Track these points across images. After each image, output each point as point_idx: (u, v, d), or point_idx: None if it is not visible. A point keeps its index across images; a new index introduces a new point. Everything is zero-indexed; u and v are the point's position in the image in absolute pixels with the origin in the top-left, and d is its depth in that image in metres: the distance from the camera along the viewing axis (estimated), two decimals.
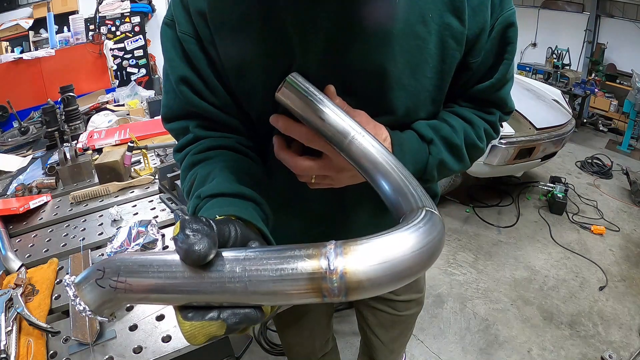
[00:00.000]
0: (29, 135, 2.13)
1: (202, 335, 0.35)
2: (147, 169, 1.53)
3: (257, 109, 0.63)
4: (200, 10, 0.56)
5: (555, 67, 5.38)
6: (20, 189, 1.44)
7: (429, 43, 0.56)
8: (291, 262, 0.33)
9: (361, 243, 0.33)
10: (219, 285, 0.34)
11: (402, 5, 0.54)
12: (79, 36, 4.02)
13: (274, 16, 0.54)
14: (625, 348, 1.90)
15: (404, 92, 0.59)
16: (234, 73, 0.60)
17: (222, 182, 0.52)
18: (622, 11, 5.11)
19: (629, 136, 4.32)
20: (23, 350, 0.75)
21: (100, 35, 4.16)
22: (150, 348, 0.74)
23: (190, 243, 0.33)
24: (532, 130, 2.79)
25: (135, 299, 0.36)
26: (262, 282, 0.33)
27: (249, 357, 1.79)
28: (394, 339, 1.12)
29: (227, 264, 0.34)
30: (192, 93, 0.60)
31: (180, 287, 0.34)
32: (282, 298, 0.34)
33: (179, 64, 0.60)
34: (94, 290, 0.36)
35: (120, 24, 5.11)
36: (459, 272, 2.47)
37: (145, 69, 5.47)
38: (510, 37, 0.60)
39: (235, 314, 0.35)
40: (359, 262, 0.32)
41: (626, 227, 2.91)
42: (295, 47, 0.55)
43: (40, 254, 1.09)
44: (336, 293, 0.32)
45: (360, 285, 0.32)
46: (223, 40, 0.57)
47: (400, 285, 0.35)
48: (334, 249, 0.33)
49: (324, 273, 0.32)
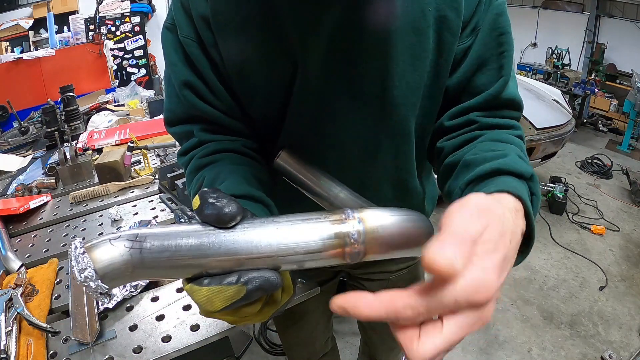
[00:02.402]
0: (29, 135, 2.13)
1: (219, 300, 0.35)
2: (147, 169, 1.53)
3: (259, 111, 0.62)
4: (202, 14, 0.56)
5: (555, 67, 5.39)
6: (20, 189, 1.44)
7: (428, 38, 0.55)
8: (316, 222, 0.37)
9: (370, 208, 0.39)
10: (246, 245, 0.35)
11: (402, 1, 0.53)
12: (79, 36, 4.02)
13: (275, 17, 0.54)
14: (625, 348, 1.90)
15: (407, 90, 0.57)
16: (236, 75, 0.59)
17: (231, 184, 0.52)
18: (622, 11, 5.10)
19: (629, 136, 4.32)
20: (23, 350, 0.75)
21: (100, 35, 4.16)
22: (150, 348, 0.74)
23: (219, 207, 0.34)
24: (532, 130, 2.79)
25: (148, 266, 0.34)
26: (290, 239, 0.35)
27: (249, 357, 1.79)
28: (393, 337, 1.12)
29: (256, 225, 0.36)
30: (196, 97, 0.60)
31: (204, 249, 0.34)
32: (308, 254, 0.36)
33: (182, 68, 0.59)
34: (106, 249, 0.34)
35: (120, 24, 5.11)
36: None
37: (145, 69, 5.47)
38: (503, 27, 0.57)
39: (256, 278, 0.35)
40: (372, 215, 0.38)
41: (626, 227, 2.91)
42: (296, 48, 0.55)
43: (40, 254, 1.09)
44: (356, 238, 0.36)
45: (375, 232, 0.37)
46: (226, 43, 0.57)
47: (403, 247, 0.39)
48: (350, 211, 0.38)
49: (345, 219, 0.37)
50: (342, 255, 0.36)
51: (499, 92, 0.57)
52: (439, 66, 0.57)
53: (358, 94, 0.57)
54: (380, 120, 0.58)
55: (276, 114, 0.60)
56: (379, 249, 0.37)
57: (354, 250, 0.36)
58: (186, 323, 0.80)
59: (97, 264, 0.33)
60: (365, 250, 0.37)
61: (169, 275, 0.37)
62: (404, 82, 0.56)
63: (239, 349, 1.76)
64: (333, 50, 0.54)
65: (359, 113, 0.58)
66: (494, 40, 0.57)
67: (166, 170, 1.36)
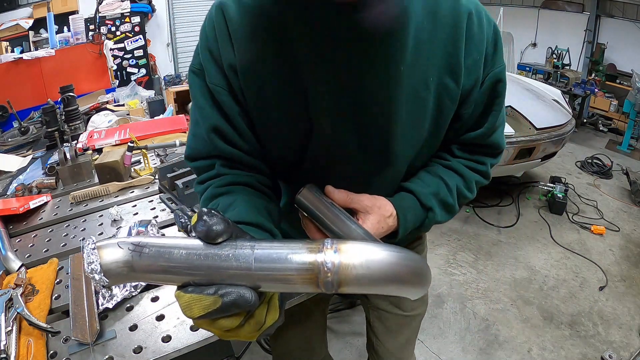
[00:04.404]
0: (29, 135, 2.13)
1: (197, 307, 0.38)
2: (147, 169, 1.53)
3: (278, 154, 0.69)
4: (231, 63, 0.61)
5: (555, 67, 5.38)
6: (20, 189, 1.44)
7: (429, 102, 0.63)
8: (294, 248, 0.40)
9: (349, 241, 0.41)
10: (227, 261, 0.39)
11: (407, 71, 0.59)
12: (79, 36, 4.02)
13: (296, 78, 0.60)
14: (625, 348, 1.90)
15: (406, 144, 0.66)
16: (259, 124, 0.65)
17: (243, 212, 0.57)
18: (622, 11, 5.10)
19: (629, 136, 4.32)
20: (23, 350, 0.75)
21: (100, 35, 4.16)
22: (150, 348, 0.74)
23: (210, 224, 0.39)
24: (532, 130, 2.79)
25: (144, 269, 0.39)
26: (267, 261, 0.39)
27: (249, 357, 1.78)
28: (401, 347, 1.10)
29: (240, 244, 0.40)
30: (223, 142, 0.64)
31: (192, 259, 0.39)
32: (282, 277, 0.39)
33: (210, 113, 0.64)
34: (113, 249, 0.39)
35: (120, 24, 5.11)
36: (459, 272, 2.47)
37: (145, 69, 5.47)
38: (499, 91, 0.66)
39: (231, 292, 0.38)
40: (352, 247, 0.40)
41: (626, 227, 2.91)
42: (312, 108, 0.62)
43: (40, 254, 1.09)
44: (330, 268, 0.38)
45: (351, 264, 0.39)
46: (251, 94, 0.62)
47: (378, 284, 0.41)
48: (330, 241, 0.40)
49: (322, 248, 0.39)
50: (315, 283, 0.39)
51: (483, 137, 0.70)
52: (438, 125, 0.66)
53: (364, 147, 0.65)
54: (381, 165, 0.68)
55: (293, 157, 0.68)
56: (356, 281, 0.39)
57: (327, 280, 0.38)
58: (186, 323, 0.80)
59: (102, 260, 0.39)
60: (340, 281, 0.38)
61: (161, 280, 0.41)
62: (404, 140, 0.65)
63: (239, 349, 1.76)
64: (343, 113, 0.61)
65: (363, 160, 0.67)
66: (490, 102, 0.66)
67: (166, 170, 1.36)
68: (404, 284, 0.43)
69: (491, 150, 0.73)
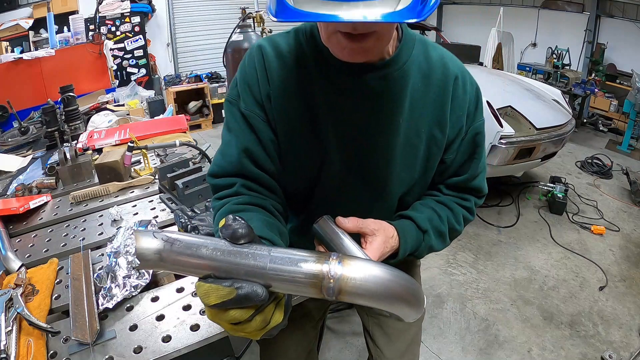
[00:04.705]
0: (29, 135, 2.13)
1: (214, 295, 0.44)
2: (147, 169, 1.53)
3: (293, 185, 0.80)
4: (267, 92, 0.73)
5: (555, 67, 5.38)
6: (20, 189, 1.44)
7: (420, 149, 0.76)
8: (305, 256, 0.46)
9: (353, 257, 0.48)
10: (246, 259, 0.45)
11: (404, 123, 0.73)
12: (79, 36, 4.02)
13: (316, 123, 0.74)
14: (625, 348, 1.90)
15: (400, 183, 0.79)
16: (283, 143, 0.76)
17: (259, 227, 0.64)
18: (622, 11, 5.10)
19: (629, 136, 4.32)
20: (23, 350, 0.75)
21: (100, 35, 4.15)
22: (150, 348, 0.75)
23: (235, 227, 0.47)
24: (532, 130, 2.79)
25: (172, 260, 0.46)
26: (280, 263, 0.45)
27: (249, 357, 1.78)
28: (401, 355, 1.08)
29: (258, 247, 0.47)
30: (252, 164, 0.74)
31: (215, 255, 0.45)
32: (291, 279, 0.45)
33: (243, 136, 0.74)
34: (148, 238, 0.46)
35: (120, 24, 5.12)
36: (459, 272, 2.47)
37: (145, 69, 5.48)
38: (479, 142, 0.79)
39: (245, 286, 0.44)
40: (355, 262, 0.47)
41: (626, 227, 2.91)
42: (325, 152, 0.75)
43: (40, 254, 1.09)
44: (333, 275, 0.45)
45: (351, 276, 0.45)
46: (279, 113, 0.74)
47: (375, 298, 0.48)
48: (337, 255, 0.47)
49: (330, 259, 0.46)
50: (319, 288, 0.45)
51: (467, 182, 0.82)
52: (427, 168, 0.79)
53: (366, 183, 0.79)
54: (379, 197, 0.81)
55: (306, 186, 0.80)
56: (354, 291, 0.46)
57: (329, 286, 0.45)
58: (186, 323, 0.80)
59: (137, 245, 0.45)
60: (340, 288, 0.45)
61: (185, 271, 0.48)
62: (399, 179, 0.79)
63: (239, 349, 1.76)
64: (351, 153, 0.76)
65: (365, 193, 0.80)
66: (471, 151, 0.79)
67: (166, 170, 1.36)
68: (398, 300, 0.49)
69: (475, 193, 0.85)
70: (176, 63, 6.11)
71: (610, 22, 5.30)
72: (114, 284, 0.87)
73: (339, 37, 0.60)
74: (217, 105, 5.37)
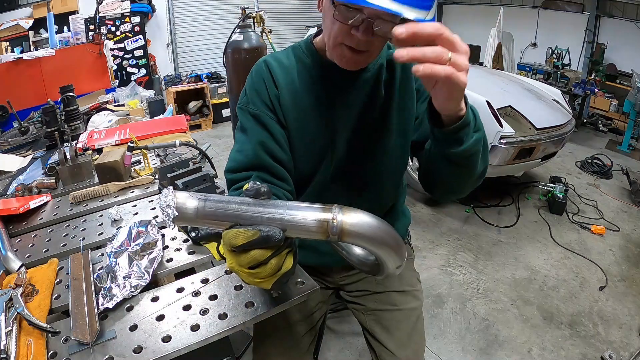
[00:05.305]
0: (29, 135, 2.13)
1: (241, 237, 0.53)
2: (147, 169, 1.53)
3: (298, 167, 0.91)
4: (276, 94, 0.87)
5: (555, 67, 5.38)
6: (20, 189, 1.44)
7: (407, 150, 0.95)
8: (314, 207, 0.57)
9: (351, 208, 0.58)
10: (267, 207, 0.56)
11: (397, 119, 0.91)
12: (79, 36, 4.02)
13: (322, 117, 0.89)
14: (625, 348, 1.90)
15: (393, 155, 0.94)
16: (293, 130, 0.88)
17: None
18: (622, 11, 5.11)
19: (629, 136, 4.32)
20: (23, 350, 0.75)
21: (100, 35, 4.16)
22: (150, 348, 0.74)
23: (258, 187, 0.58)
24: (532, 130, 2.79)
25: (206, 213, 0.56)
26: (294, 210, 0.56)
27: (249, 357, 1.78)
28: (403, 345, 1.05)
29: (277, 202, 0.58)
30: (267, 155, 0.84)
31: (242, 207, 0.56)
32: (304, 222, 0.56)
33: (257, 132, 0.85)
34: (187, 196, 0.57)
35: (120, 24, 5.12)
36: (459, 272, 2.47)
37: (145, 69, 5.48)
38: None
39: (266, 230, 0.54)
40: (352, 211, 0.58)
41: (626, 227, 2.91)
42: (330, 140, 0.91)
43: (40, 254, 1.08)
44: (336, 217, 0.55)
45: (349, 220, 0.56)
46: (287, 108, 0.87)
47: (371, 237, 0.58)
48: (338, 206, 0.57)
49: (333, 209, 0.56)
50: (325, 231, 0.55)
51: None
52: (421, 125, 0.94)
53: (369, 158, 0.93)
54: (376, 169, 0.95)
55: (308, 171, 0.92)
56: (351, 230, 0.55)
57: (333, 225, 0.55)
58: (186, 323, 0.80)
59: (178, 200, 0.56)
60: (340, 229, 0.55)
61: (216, 223, 0.57)
62: (393, 151, 0.94)
63: (239, 349, 1.76)
64: (357, 137, 0.91)
65: (359, 177, 0.94)
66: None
67: (166, 170, 1.36)
68: (384, 243, 0.59)
69: None
70: (176, 63, 6.11)
71: (610, 22, 5.30)
72: (114, 284, 0.87)
73: (344, 49, 0.75)
74: (217, 105, 5.37)
